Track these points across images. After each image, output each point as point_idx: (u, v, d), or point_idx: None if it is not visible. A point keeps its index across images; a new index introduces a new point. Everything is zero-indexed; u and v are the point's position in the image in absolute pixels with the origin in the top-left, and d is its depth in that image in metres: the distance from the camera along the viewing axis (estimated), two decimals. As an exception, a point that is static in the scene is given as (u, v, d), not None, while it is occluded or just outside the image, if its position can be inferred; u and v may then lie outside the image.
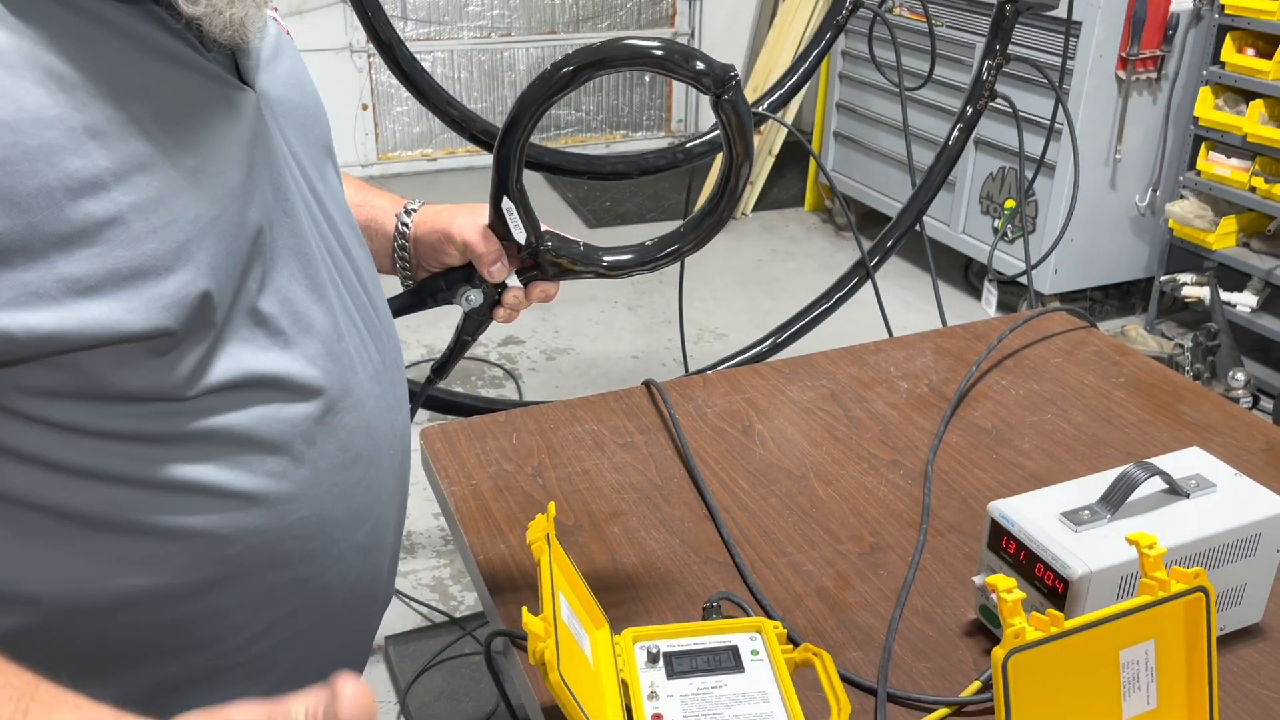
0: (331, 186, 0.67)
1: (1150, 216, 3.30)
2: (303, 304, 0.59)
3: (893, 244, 1.98)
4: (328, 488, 0.60)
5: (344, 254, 0.65)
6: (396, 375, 0.71)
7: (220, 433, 0.54)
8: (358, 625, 0.68)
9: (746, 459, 1.22)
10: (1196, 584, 0.73)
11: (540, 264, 0.86)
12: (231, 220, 0.53)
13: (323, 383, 0.59)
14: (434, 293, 0.87)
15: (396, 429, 0.69)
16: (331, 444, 0.60)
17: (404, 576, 2.21)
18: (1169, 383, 1.39)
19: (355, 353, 0.63)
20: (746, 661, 0.86)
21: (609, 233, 4.10)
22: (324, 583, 0.62)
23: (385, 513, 0.67)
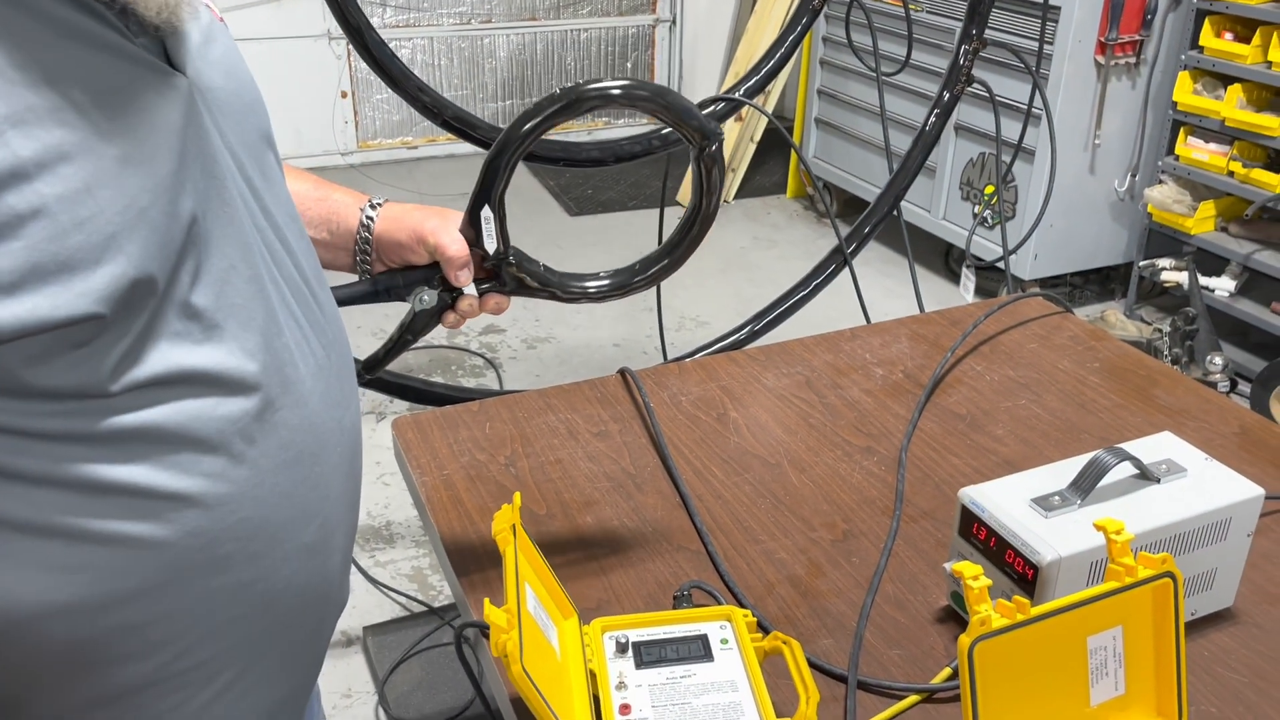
0: (271, 178, 0.65)
1: (1129, 201, 3.31)
2: (239, 297, 0.57)
3: (870, 230, 1.97)
4: (270, 487, 0.59)
5: (283, 247, 0.63)
6: (343, 370, 0.69)
7: (151, 431, 0.53)
8: (309, 628, 0.67)
9: (721, 447, 1.22)
10: (1164, 569, 0.73)
11: (501, 276, 0.88)
12: (163, 210, 0.51)
13: (260, 378, 0.58)
14: (390, 287, 0.86)
15: (344, 425, 0.67)
16: (272, 442, 0.59)
17: (382, 566, 2.20)
18: (1143, 367, 1.39)
19: (296, 347, 0.61)
20: (716, 650, 0.86)
21: (591, 220, 4.08)
22: (269, 586, 0.60)
23: (333, 512, 0.65)
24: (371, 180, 4.40)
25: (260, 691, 0.64)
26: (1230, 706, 0.86)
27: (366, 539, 2.30)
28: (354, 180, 4.40)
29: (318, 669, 0.74)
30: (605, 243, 3.89)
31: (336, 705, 1.87)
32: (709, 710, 0.80)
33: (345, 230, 0.86)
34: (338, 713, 1.85)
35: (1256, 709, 0.86)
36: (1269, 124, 2.77)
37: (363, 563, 2.20)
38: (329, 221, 0.85)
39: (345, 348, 0.71)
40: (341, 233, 0.86)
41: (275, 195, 0.64)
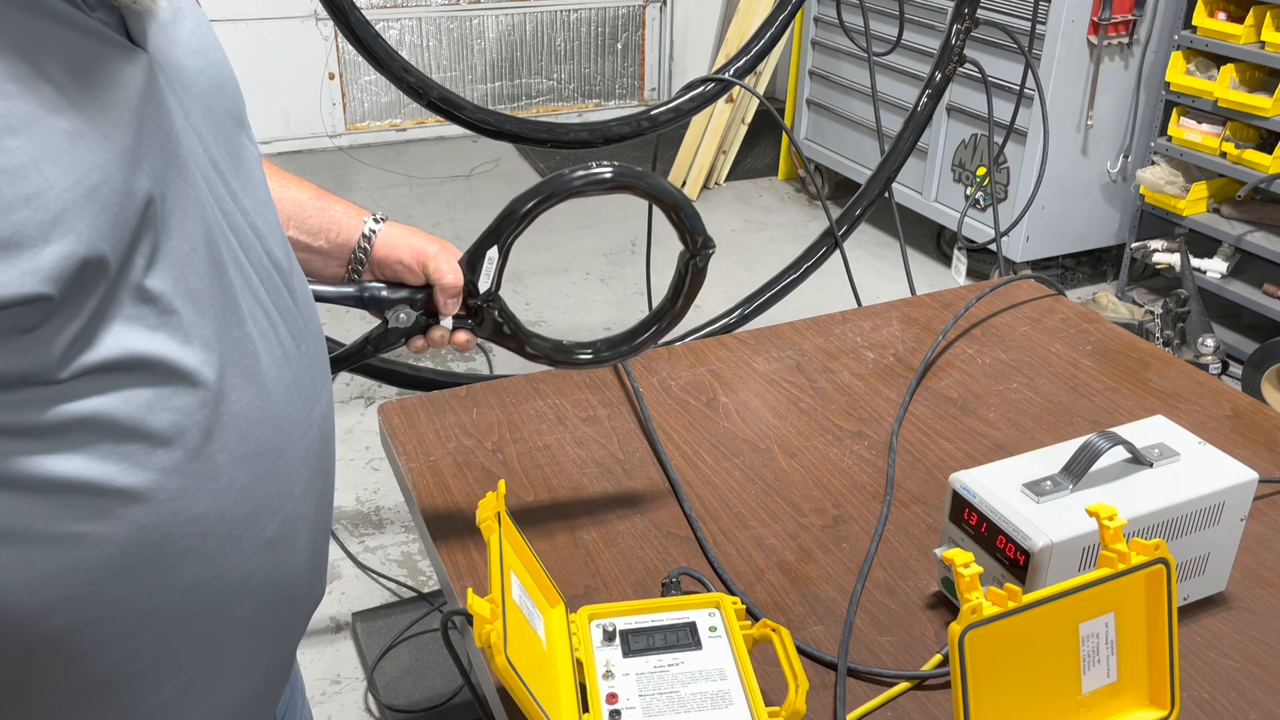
0: (242, 161, 0.62)
1: (1121, 183, 3.30)
2: (200, 282, 0.55)
3: (861, 212, 1.96)
4: (226, 482, 0.57)
5: (253, 232, 0.61)
6: (314, 362, 0.67)
7: (100, 421, 0.51)
8: (273, 628, 0.65)
9: (710, 432, 1.20)
10: (1157, 556, 0.72)
11: (481, 317, 0.91)
12: (116, 189, 0.49)
13: (218, 368, 0.55)
14: (374, 298, 0.88)
15: (312, 419, 0.65)
16: (230, 435, 0.57)
17: (371, 552, 2.19)
18: (1136, 350, 1.38)
19: (260, 337, 0.59)
20: (704, 638, 0.85)
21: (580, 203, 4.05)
22: (226, 584, 0.59)
23: (298, 508, 0.63)
24: (360, 163, 4.37)
25: (221, 693, 0.62)
26: (1222, 692, 0.85)
27: (355, 524, 2.28)
28: (342, 163, 4.36)
29: (287, 671, 0.72)
30: (596, 226, 3.86)
31: (325, 691, 1.86)
32: (697, 699, 0.79)
33: (344, 241, 0.86)
34: (327, 699, 1.84)
35: (1249, 694, 0.85)
36: (1261, 104, 2.76)
37: (352, 548, 2.19)
38: (328, 230, 0.86)
39: (318, 338, 0.69)
40: (339, 243, 0.86)
41: (246, 179, 0.62)
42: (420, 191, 4.12)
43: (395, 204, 3.99)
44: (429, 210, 3.95)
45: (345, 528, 2.27)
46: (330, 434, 0.70)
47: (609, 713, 0.78)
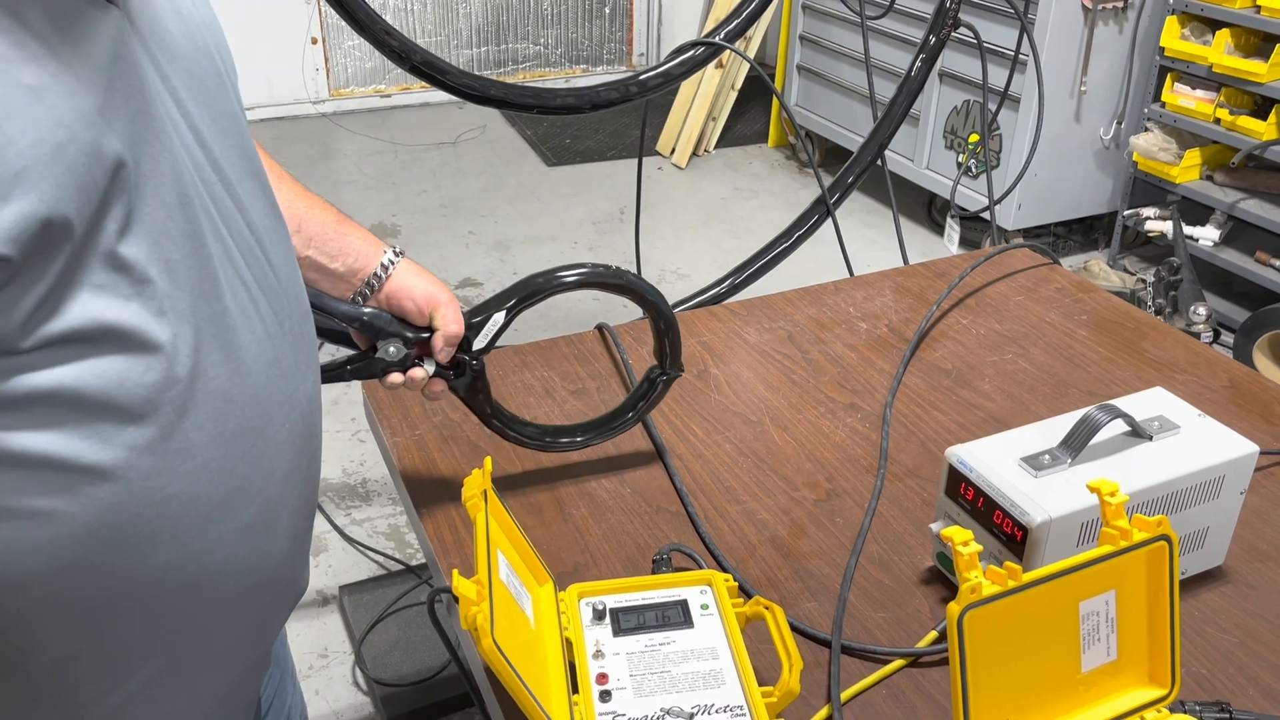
0: (227, 129, 0.59)
1: (1114, 150, 3.27)
2: (176, 253, 0.52)
3: (853, 180, 1.93)
4: (202, 463, 0.54)
5: (234, 203, 0.58)
6: (298, 340, 0.64)
7: (66, 395, 0.48)
8: (252, 616, 0.62)
9: (701, 404, 1.18)
10: (1159, 533, 0.70)
11: (461, 371, 0.94)
12: (82, 148, 0.46)
13: (194, 343, 0.53)
14: (374, 324, 0.90)
15: (295, 399, 0.62)
16: (205, 413, 0.54)
17: (358, 525, 2.17)
18: (1131, 320, 1.36)
19: (240, 312, 0.56)
20: (696, 616, 0.83)
21: (569, 171, 4.01)
22: (200, 569, 0.56)
23: (279, 491, 0.61)
24: (344, 129, 4.30)
25: (196, 683, 0.60)
26: (1221, 668, 0.84)
27: (342, 497, 2.26)
28: (326, 130, 4.29)
29: (266, 659, 0.70)
30: (584, 194, 3.82)
31: (313, 665, 1.85)
32: (689, 678, 0.77)
33: (359, 268, 0.88)
34: (314, 673, 1.83)
35: (1248, 670, 0.84)
36: (1257, 70, 2.73)
37: (338, 521, 2.17)
38: (345, 255, 0.87)
39: (303, 316, 0.66)
40: (355, 269, 0.88)
41: (230, 147, 0.59)
42: (405, 158, 4.06)
43: (380, 171, 3.93)
44: (414, 177, 3.89)
45: (331, 500, 2.25)
46: (316, 416, 0.67)
47: (599, 693, 0.76)
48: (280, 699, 0.84)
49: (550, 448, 1.03)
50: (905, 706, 0.82)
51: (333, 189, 3.75)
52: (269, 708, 0.82)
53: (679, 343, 1.02)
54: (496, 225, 3.56)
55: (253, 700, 0.70)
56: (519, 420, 1.01)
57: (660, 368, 1.03)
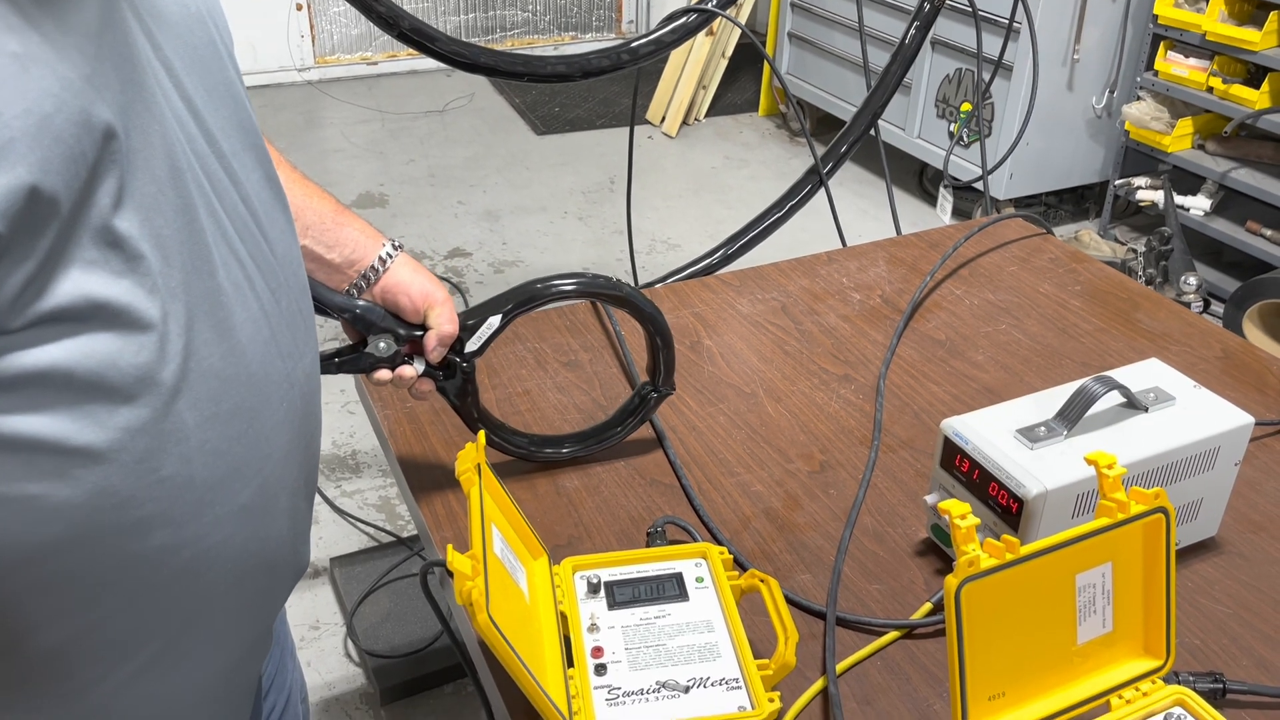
0: (221, 98, 0.57)
1: (1107, 119, 3.26)
2: (168, 228, 0.50)
3: (846, 149, 1.91)
4: (196, 444, 0.53)
5: (229, 176, 0.56)
6: (295, 318, 0.63)
7: (57, 375, 0.47)
8: (250, 598, 0.61)
9: (694, 376, 1.17)
10: (1157, 505, 0.70)
11: (451, 372, 0.93)
12: (71, 119, 0.45)
13: (186, 321, 0.51)
14: (367, 318, 0.88)
15: (293, 378, 0.61)
16: (200, 393, 0.53)
17: (349, 497, 2.17)
18: (1125, 290, 1.36)
19: (234, 289, 0.55)
20: (691, 589, 0.83)
21: (558, 140, 3.97)
22: (197, 552, 0.55)
23: (277, 472, 0.59)
24: (330, 97, 4.25)
25: (196, 664, 0.60)
26: (1214, 638, 0.85)
27: (332, 469, 2.26)
28: (312, 98, 4.24)
29: (268, 638, 0.69)
30: (573, 163, 3.79)
31: (305, 637, 1.84)
32: (684, 652, 0.77)
33: (356, 260, 0.87)
34: (306, 645, 1.83)
35: (1241, 640, 0.84)
36: (1250, 37, 2.71)
37: (329, 493, 2.16)
38: (343, 246, 0.86)
39: (300, 292, 0.64)
40: (352, 260, 0.86)
41: (225, 118, 0.57)
42: (393, 127, 4.02)
43: (367, 140, 3.89)
44: (402, 146, 3.85)
45: (322, 472, 2.24)
46: (314, 395, 0.66)
47: (594, 666, 0.76)
48: (281, 676, 0.84)
49: (535, 457, 1.02)
50: (900, 677, 0.82)
51: (319, 158, 3.71)
52: (270, 685, 0.81)
53: (673, 360, 1.00)
54: (485, 195, 3.53)
55: (254, 680, 0.69)
56: (506, 427, 1.00)
57: (652, 384, 1.01)
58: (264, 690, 0.79)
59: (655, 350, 1.00)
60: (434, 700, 1.74)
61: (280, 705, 0.82)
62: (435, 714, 1.72)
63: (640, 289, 1.40)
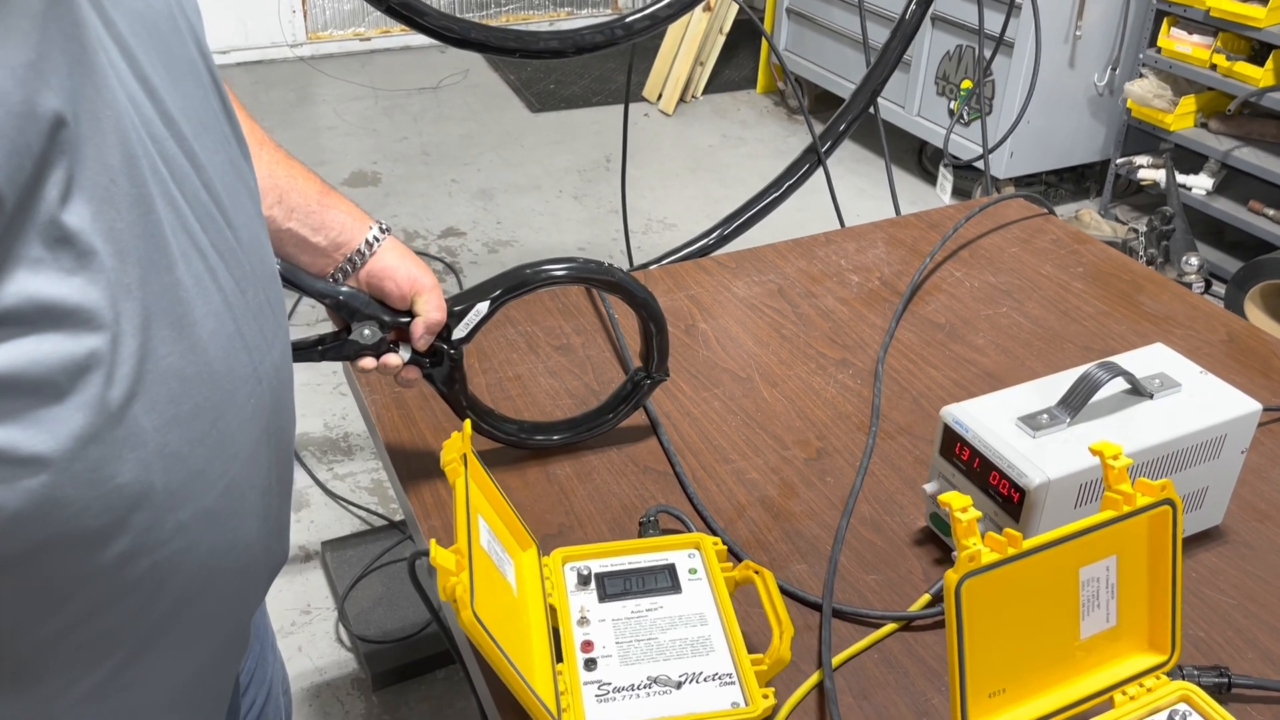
0: (183, 75, 0.54)
1: (1109, 96, 3.22)
2: (121, 220, 0.47)
3: (846, 128, 1.88)
4: (154, 449, 0.50)
5: (189, 161, 0.52)
6: (262, 310, 0.59)
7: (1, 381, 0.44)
8: (220, 602, 0.59)
9: (689, 360, 1.15)
10: (1164, 497, 0.68)
11: (438, 359, 0.91)
12: (13, 111, 0.41)
13: (142, 319, 0.48)
14: (351, 305, 0.86)
15: (260, 373, 0.58)
16: (157, 395, 0.50)
17: (341, 479, 2.14)
18: (1128, 272, 1.33)
19: (195, 283, 0.52)
20: (684, 581, 0.81)
21: (553, 117, 3.93)
22: (158, 561, 0.52)
23: (244, 472, 0.56)
24: (322, 74, 4.20)
25: (164, 671, 0.57)
26: (1219, 630, 0.83)
27: (324, 451, 2.23)
28: (304, 74, 4.19)
29: (244, 638, 0.67)
30: (569, 141, 3.75)
31: (295, 622, 1.83)
32: (677, 645, 0.75)
33: (343, 243, 0.84)
34: (297, 629, 1.81)
35: (1246, 632, 0.82)
36: (1255, 14, 2.67)
37: (320, 475, 2.14)
38: (329, 229, 0.83)
39: (269, 282, 0.60)
40: (338, 243, 0.83)
41: (186, 97, 0.53)
42: (386, 104, 3.97)
43: (360, 117, 3.85)
44: (395, 124, 3.81)
45: (313, 454, 2.22)
46: (286, 388, 0.63)
47: (584, 661, 0.74)
48: (261, 670, 0.81)
49: (525, 444, 0.99)
50: (897, 671, 0.80)
51: (311, 135, 3.67)
52: (249, 680, 0.79)
53: (667, 346, 0.98)
54: (480, 173, 3.49)
55: (229, 681, 0.67)
56: (495, 414, 0.98)
57: (645, 370, 0.99)
58: (243, 687, 0.77)
59: (649, 336, 0.97)
60: (426, 686, 1.73)
61: (261, 700, 0.80)
62: (427, 700, 1.71)
63: (634, 270, 1.38)
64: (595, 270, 0.93)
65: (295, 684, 1.73)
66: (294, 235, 0.81)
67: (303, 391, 2.38)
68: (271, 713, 0.83)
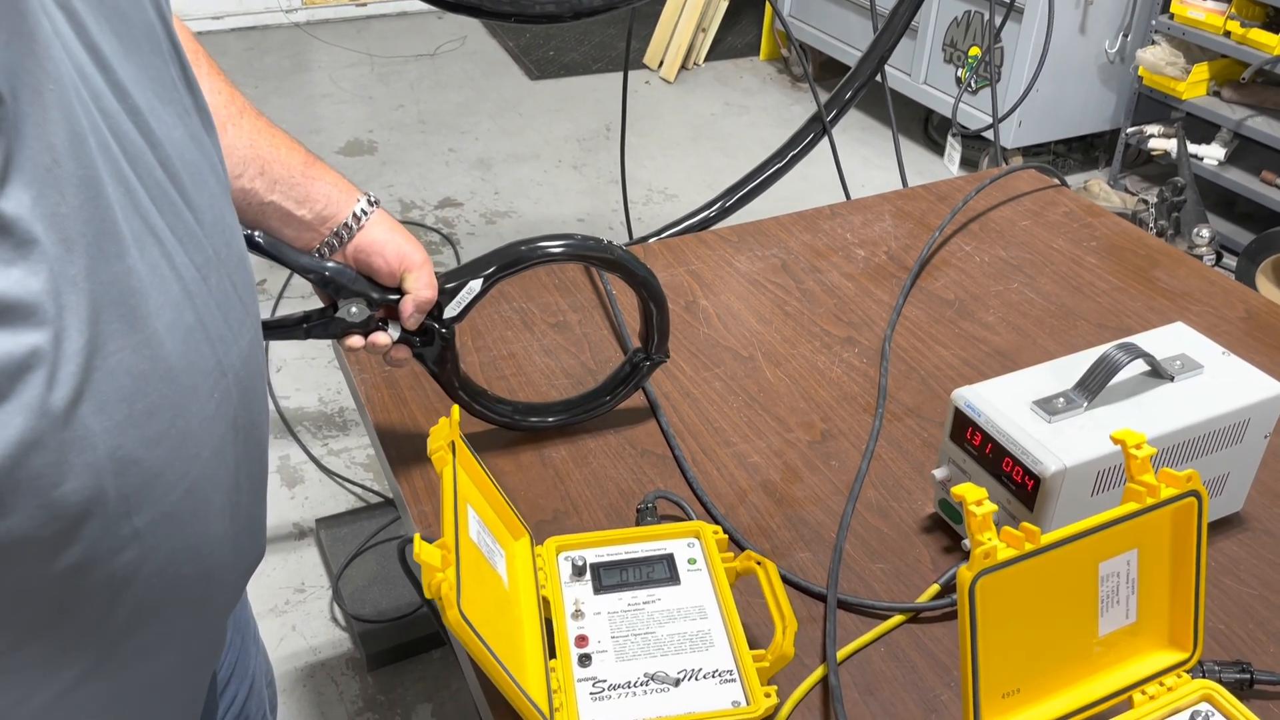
0: (137, 43, 0.49)
1: (1120, 64, 3.15)
2: (66, 205, 0.42)
3: (851, 96, 1.82)
4: (105, 452, 0.46)
5: (143, 137, 0.48)
6: (227, 297, 0.55)
7: None
8: (185, 607, 0.55)
9: (689, 339, 1.11)
10: (1189, 489, 0.64)
11: (429, 338, 0.88)
12: None
13: (90, 313, 0.44)
14: (338, 281, 0.82)
15: (226, 365, 0.54)
16: (108, 395, 0.46)
17: (336, 455, 2.11)
18: (1143, 246, 1.29)
19: (150, 271, 0.47)
20: (683, 572, 0.77)
21: (552, 85, 3.86)
22: (114, 570, 0.49)
23: (208, 471, 0.52)
24: (318, 40, 4.12)
25: (127, 679, 0.53)
26: (1239, 622, 0.80)
27: (319, 426, 2.20)
28: (299, 40, 4.12)
29: (218, 641, 0.63)
30: (568, 110, 3.68)
31: (289, 600, 1.80)
32: (675, 640, 0.72)
33: (329, 216, 0.80)
34: (290, 608, 1.79)
35: (1268, 625, 0.79)
36: (1271, -21, 2.61)
37: (315, 451, 2.11)
38: (314, 201, 0.79)
39: (236, 267, 0.56)
40: (324, 217, 0.80)
41: (140, 67, 0.48)
42: (382, 71, 3.90)
43: (356, 84, 3.78)
44: (392, 91, 3.75)
45: (308, 430, 2.18)
46: (256, 379, 0.58)
47: (578, 657, 0.71)
48: (242, 664, 0.78)
49: (519, 426, 0.96)
50: (905, 665, 0.77)
51: (306, 103, 3.61)
52: (229, 676, 0.76)
53: (668, 326, 0.94)
54: (477, 142, 3.43)
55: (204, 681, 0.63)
56: (488, 395, 0.94)
57: (644, 351, 0.96)
58: (222, 683, 0.74)
59: (649, 316, 0.94)
60: (421, 666, 1.70)
61: (243, 695, 0.77)
62: (423, 680, 1.69)
63: (633, 244, 1.33)
64: (593, 248, 0.89)
65: (289, 664, 1.70)
66: (278, 209, 0.77)
67: (297, 365, 2.34)
68: (254, 707, 0.80)
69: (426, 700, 1.66)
